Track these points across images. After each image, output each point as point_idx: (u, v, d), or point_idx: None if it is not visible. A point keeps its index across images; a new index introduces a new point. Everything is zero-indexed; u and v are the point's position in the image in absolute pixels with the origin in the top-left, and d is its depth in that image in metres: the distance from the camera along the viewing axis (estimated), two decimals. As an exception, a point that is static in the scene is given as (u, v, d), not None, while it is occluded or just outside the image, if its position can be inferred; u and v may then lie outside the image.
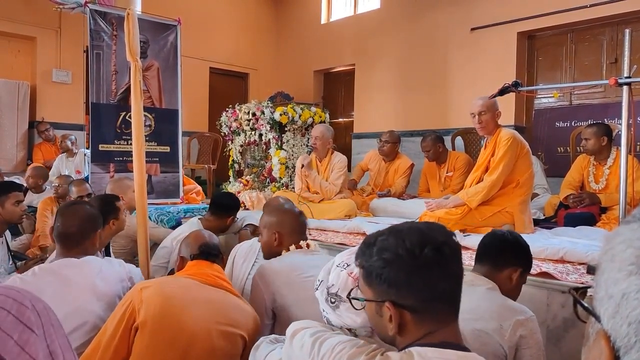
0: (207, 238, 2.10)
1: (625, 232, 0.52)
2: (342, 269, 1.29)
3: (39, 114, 6.62)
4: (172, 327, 1.63)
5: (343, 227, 3.80)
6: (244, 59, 8.45)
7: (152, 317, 1.62)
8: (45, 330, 0.68)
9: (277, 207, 2.31)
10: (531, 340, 1.63)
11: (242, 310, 1.84)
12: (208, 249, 2.02)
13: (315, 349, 1.13)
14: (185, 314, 1.67)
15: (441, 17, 6.35)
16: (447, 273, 1.02)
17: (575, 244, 2.80)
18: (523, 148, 3.23)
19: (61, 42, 6.73)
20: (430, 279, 1.00)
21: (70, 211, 2.04)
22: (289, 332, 1.26)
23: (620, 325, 0.48)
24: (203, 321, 1.69)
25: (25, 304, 0.67)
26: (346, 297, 1.22)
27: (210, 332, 1.69)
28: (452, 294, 1.03)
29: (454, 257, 1.03)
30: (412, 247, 0.99)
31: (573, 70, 5.54)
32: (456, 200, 3.33)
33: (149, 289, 1.70)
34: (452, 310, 1.04)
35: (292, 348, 1.23)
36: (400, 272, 1.00)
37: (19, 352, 0.63)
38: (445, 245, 1.01)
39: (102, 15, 4.42)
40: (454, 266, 1.03)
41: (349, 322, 1.26)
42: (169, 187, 4.85)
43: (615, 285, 0.49)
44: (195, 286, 1.81)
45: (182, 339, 1.64)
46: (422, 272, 0.99)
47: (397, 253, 1.00)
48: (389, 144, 4.84)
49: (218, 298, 1.81)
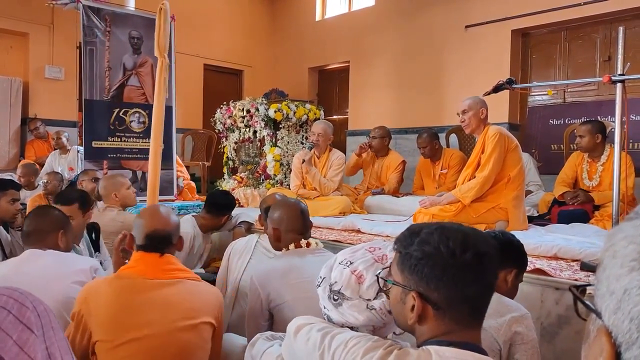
0: (158, 224, 1.78)
1: (628, 229, 0.52)
2: (345, 266, 1.29)
3: (32, 110, 6.56)
4: (130, 339, 1.57)
5: (338, 224, 3.80)
6: (239, 55, 8.42)
7: (105, 332, 1.57)
8: (45, 331, 0.68)
9: (281, 202, 2.26)
10: (526, 337, 1.63)
11: (201, 294, 1.76)
12: (156, 240, 1.75)
13: (326, 343, 1.12)
14: (140, 323, 1.60)
15: (436, 15, 6.35)
16: (480, 280, 1.02)
17: (568, 241, 2.81)
18: (511, 143, 3.27)
19: (54, 38, 6.67)
20: (462, 281, 1.01)
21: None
22: (292, 327, 1.25)
23: (622, 321, 0.48)
24: (160, 325, 1.62)
25: (26, 304, 0.68)
26: (375, 275, 1.22)
27: (172, 332, 1.63)
28: (480, 300, 1.04)
29: (492, 268, 1.05)
30: (454, 246, 1.00)
31: (567, 68, 5.56)
32: (449, 197, 3.35)
33: (96, 299, 1.61)
34: (476, 316, 1.05)
35: (295, 343, 1.21)
36: (435, 268, 1.01)
37: (18, 352, 0.63)
38: (487, 256, 1.02)
39: (95, 12, 4.39)
40: (489, 276, 1.04)
41: (351, 320, 1.25)
42: (163, 184, 4.81)
43: (617, 282, 0.50)
44: (144, 288, 1.65)
45: (146, 347, 1.59)
46: (457, 273, 1.00)
47: (438, 248, 1.01)
48: (376, 139, 4.85)
49: (173, 293, 1.68)
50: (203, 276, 2.92)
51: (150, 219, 1.81)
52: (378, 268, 1.25)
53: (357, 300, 1.25)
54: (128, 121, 4.59)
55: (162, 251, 1.75)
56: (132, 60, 4.66)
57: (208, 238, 3.47)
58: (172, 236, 1.81)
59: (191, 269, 3.19)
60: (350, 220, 3.86)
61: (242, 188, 5.23)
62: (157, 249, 1.74)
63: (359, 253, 1.32)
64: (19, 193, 3.00)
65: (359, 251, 1.33)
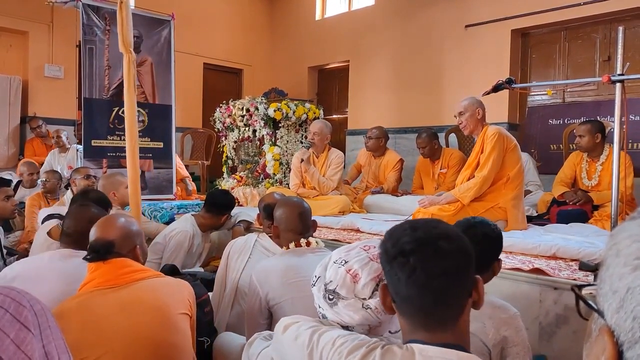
0: (98, 233, 1.74)
1: (631, 228, 0.52)
2: (340, 265, 1.28)
3: (31, 109, 6.56)
4: (103, 352, 1.52)
5: (337, 224, 3.80)
6: (238, 54, 8.42)
7: (79, 352, 1.50)
8: (42, 330, 0.68)
9: (284, 201, 2.25)
10: (517, 338, 1.60)
11: (170, 286, 1.72)
12: (96, 248, 1.70)
13: (315, 340, 1.13)
14: (107, 335, 1.55)
15: (435, 14, 6.35)
16: (413, 280, 0.97)
17: (567, 241, 2.82)
18: (510, 142, 3.27)
19: (53, 37, 6.67)
20: (394, 277, 1.00)
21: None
22: (280, 326, 1.25)
23: (625, 320, 0.48)
24: (132, 329, 1.57)
25: (23, 303, 0.68)
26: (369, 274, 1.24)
27: (146, 333, 1.59)
28: (419, 301, 0.98)
29: (428, 269, 0.97)
30: (390, 244, 1.02)
31: (566, 68, 5.56)
32: (449, 197, 3.35)
33: (62, 325, 1.55)
34: (425, 319, 0.99)
35: (282, 341, 1.22)
36: (382, 261, 1.05)
37: (15, 351, 0.63)
38: (413, 255, 0.97)
39: (94, 10, 4.39)
40: (425, 278, 0.96)
41: (346, 319, 1.25)
42: (162, 182, 4.84)
43: (620, 280, 0.49)
44: (103, 299, 1.60)
45: (123, 354, 1.54)
46: (389, 270, 1.01)
47: (384, 243, 1.04)
48: (372, 139, 4.86)
49: (137, 297, 1.63)
50: (202, 275, 2.94)
51: (94, 226, 1.78)
52: (373, 266, 1.25)
53: (352, 299, 1.24)
54: (127, 120, 4.59)
55: (104, 258, 1.68)
56: (132, 59, 4.65)
57: (207, 237, 3.47)
58: (112, 242, 1.73)
59: (191, 267, 3.21)
60: (350, 219, 3.86)
61: (241, 187, 5.23)
62: (100, 258, 1.68)
63: (354, 252, 1.31)
64: (11, 189, 2.99)
65: (354, 250, 1.32)
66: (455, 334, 1.00)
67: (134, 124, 2.81)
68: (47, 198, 4.33)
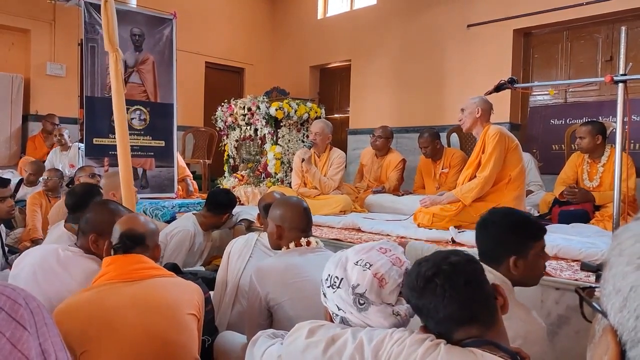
0: (129, 225, 1.82)
1: (635, 228, 0.52)
2: (366, 268, 1.24)
3: (33, 107, 6.56)
4: (111, 344, 1.53)
5: (338, 223, 3.80)
6: (240, 53, 8.42)
7: (85, 344, 1.51)
8: (38, 328, 0.67)
9: (283, 200, 2.25)
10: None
11: (179, 286, 1.75)
12: (127, 239, 1.77)
13: (362, 338, 1.15)
14: (116, 327, 1.56)
15: (438, 14, 6.34)
16: (447, 300, 1.08)
17: (569, 241, 2.81)
18: (512, 142, 3.27)
19: (55, 35, 6.66)
20: (432, 310, 1.11)
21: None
22: (302, 331, 1.25)
23: (627, 319, 0.48)
24: (140, 325, 1.58)
25: (19, 301, 0.67)
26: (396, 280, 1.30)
27: (154, 330, 1.60)
28: (458, 316, 1.09)
29: (452, 283, 1.09)
30: (410, 285, 1.15)
31: (568, 68, 5.55)
32: (450, 197, 3.34)
33: (69, 320, 1.54)
34: (472, 325, 1.09)
35: (306, 345, 1.21)
36: (415, 301, 1.16)
37: (11, 350, 0.63)
38: (437, 276, 1.10)
39: (96, 8, 4.39)
40: (431, 297, 1.10)
41: (375, 325, 1.22)
42: (164, 181, 4.84)
43: (624, 279, 0.49)
44: (115, 292, 1.62)
45: (129, 348, 1.55)
46: (423, 306, 1.13)
47: (407, 287, 1.18)
48: (382, 138, 4.85)
49: (149, 294, 1.65)
50: (203, 274, 2.94)
51: (122, 222, 1.85)
52: (397, 272, 1.24)
53: (381, 305, 1.22)
54: (129, 118, 4.59)
55: (130, 250, 1.75)
56: (134, 58, 4.66)
57: (209, 236, 3.47)
58: (145, 238, 1.82)
59: (192, 266, 3.21)
60: (351, 218, 3.86)
61: (242, 186, 5.23)
62: (129, 249, 1.76)
63: (374, 254, 1.28)
64: (7, 190, 2.94)
65: (372, 251, 1.29)
66: (497, 334, 1.10)
67: (124, 123, 2.79)
68: (49, 196, 4.33)
